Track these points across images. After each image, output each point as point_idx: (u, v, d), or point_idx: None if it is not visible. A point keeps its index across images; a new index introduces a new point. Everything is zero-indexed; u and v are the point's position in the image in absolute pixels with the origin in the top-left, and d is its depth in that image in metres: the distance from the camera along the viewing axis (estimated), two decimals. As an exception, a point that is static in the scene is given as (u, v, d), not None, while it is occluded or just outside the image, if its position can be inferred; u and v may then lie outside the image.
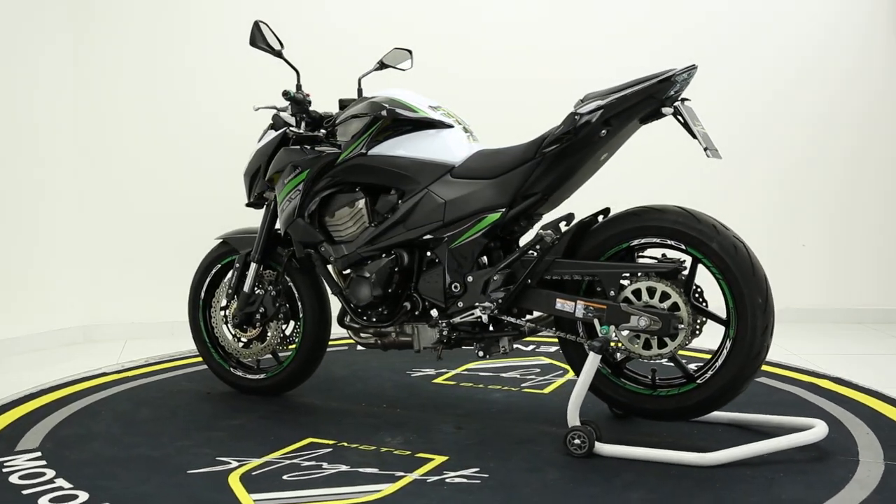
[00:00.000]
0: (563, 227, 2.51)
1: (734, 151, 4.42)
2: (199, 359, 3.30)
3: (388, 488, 2.19)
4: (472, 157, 2.67)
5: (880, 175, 4.46)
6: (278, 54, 2.82)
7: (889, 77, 4.42)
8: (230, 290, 3.05)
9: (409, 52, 3.01)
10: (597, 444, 2.38)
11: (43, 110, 4.12)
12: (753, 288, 2.35)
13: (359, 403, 2.97)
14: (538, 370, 3.42)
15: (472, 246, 2.59)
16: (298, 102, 2.82)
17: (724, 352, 2.41)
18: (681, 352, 2.48)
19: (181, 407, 2.95)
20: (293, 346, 3.02)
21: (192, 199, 4.29)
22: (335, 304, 2.98)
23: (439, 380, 3.29)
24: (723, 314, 2.44)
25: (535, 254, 2.52)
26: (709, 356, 2.53)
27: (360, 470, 2.31)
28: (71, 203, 4.25)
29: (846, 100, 4.43)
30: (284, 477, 2.27)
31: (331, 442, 2.54)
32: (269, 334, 3.01)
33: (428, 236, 2.64)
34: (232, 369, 3.12)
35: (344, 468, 2.32)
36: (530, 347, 3.84)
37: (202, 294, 3.15)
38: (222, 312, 3.10)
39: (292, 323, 3.02)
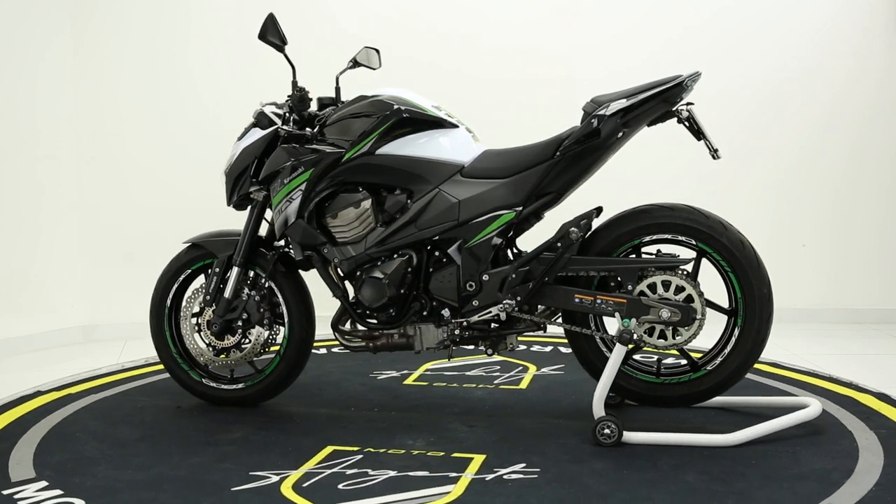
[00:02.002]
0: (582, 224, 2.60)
1: (734, 151, 4.42)
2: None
3: (455, 489, 2.18)
4: (480, 156, 2.71)
5: (880, 175, 4.46)
6: (281, 49, 2.77)
7: (889, 77, 4.42)
8: (207, 297, 2.88)
9: (377, 50, 2.94)
10: (624, 432, 2.48)
11: (43, 110, 4.12)
12: (760, 279, 2.57)
13: (348, 409, 2.91)
14: (499, 367, 3.45)
15: (486, 245, 2.63)
16: (303, 100, 2.78)
17: (733, 339, 2.62)
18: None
19: (161, 423, 2.80)
20: (276, 347, 2.92)
21: (192, 198, 4.29)
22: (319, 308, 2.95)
23: (409, 381, 3.27)
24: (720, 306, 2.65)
25: (553, 251, 2.60)
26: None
27: (410, 474, 2.28)
28: (71, 203, 4.25)
29: (846, 100, 4.43)
30: (340, 486, 2.21)
31: (355, 448, 2.49)
32: (250, 341, 2.90)
33: (442, 236, 2.65)
34: (204, 381, 2.96)
35: (392, 473, 2.29)
36: (480, 346, 3.79)
37: (168, 302, 2.97)
38: (194, 320, 2.94)
39: (258, 329, 2.90)
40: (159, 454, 2.50)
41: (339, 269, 2.80)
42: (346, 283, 2.83)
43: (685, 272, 2.57)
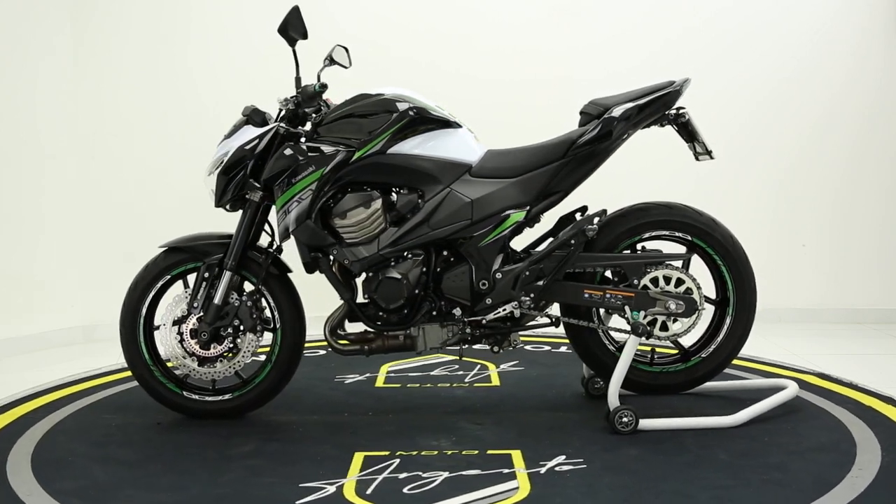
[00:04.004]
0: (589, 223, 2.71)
1: (734, 151, 4.42)
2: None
3: (521, 484, 2.20)
4: (485, 156, 2.74)
5: (880, 175, 4.46)
6: (293, 44, 2.70)
7: (889, 77, 4.42)
8: (195, 303, 2.72)
9: (347, 49, 2.81)
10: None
11: (43, 110, 4.12)
12: (748, 272, 2.79)
13: (341, 414, 2.85)
14: (458, 366, 3.47)
15: (498, 244, 2.69)
16: (314, 96, 2.70)
17: (725, 327, 2.83)
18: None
19: (153, 441, 2.61)
20: (263, 349, 2.83)
21: (192, 198, 4.28)
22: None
23: (380, 384, 3.24)
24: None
25: (564, 249, 2.68)
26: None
27: (464, 473, 2.28)
28: (71, 203, 4.25)
29: (846, 100, 4.43)
30: (405, 491, 2.18)
31: (385, 453, 2.44)
32: (241, 349, 2.75)
33: (455, 235, 2.67)
34: (185, 393, 2.79)
35: (446, 475, 2.27)
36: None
37: (144, 311, 2.78)
38: (175, 328, 2.74)
39: (250, 336, 2.75)
40: (180, 473, 2.34)
41: (343, 271, 2.75)
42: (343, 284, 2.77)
43: (678, 266, 2.73)
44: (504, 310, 2.69)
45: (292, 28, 2.67)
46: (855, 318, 4.47)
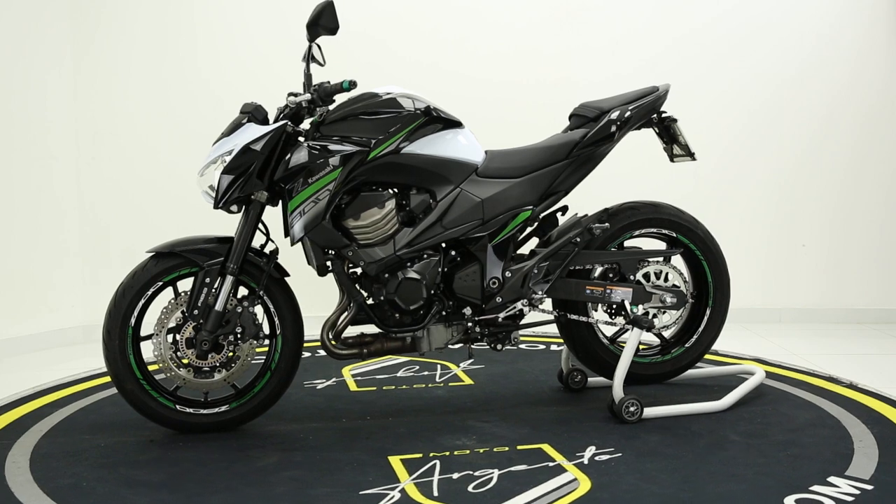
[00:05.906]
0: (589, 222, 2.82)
1: (735, 152, 4.43)
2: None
3: (576, 476, 2.23)
4: (488, 157, 2.76)
5: (880, 175, 4.47)
6: (315, 38, 2.62)
7: (889, 77, 4.43)
8: (195, 310, 2.56)
9: (320, 46, 2.70)
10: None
11: (43, 110, 4.12)
12: (725, 266, 2.99)
13: (339, 420, 2.78)
14: (418, 367, 3.49)
15: (508, 243, 2.75)
16: (331, 94, 2.62)
17: (705, 318, 3.00)
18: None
19: (157, 461, 2.41)
20: (262, 350, 2.76)
21: (192, 198, 4.28)
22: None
23: (354, 388, 3.18)
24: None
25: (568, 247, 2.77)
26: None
27: (514, 469, 2.29)
28: (71, 203, 4.24)
29: (846, 100, 4.44)
30: (469, 489, 2.15)
31: (419, 456, 2.40)
32: (240, 358, 2.62)
33: (468, 235, 2.68)
34: (178, 407, 2.62)
35: (496, 471, 2.27)
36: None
37: (133, 321, 2.58)
38: (169, 338, 2.59)
39: (250, 344, 2.64)
40: (226, 491, 2.19)
41: (356, 272, 2.71)
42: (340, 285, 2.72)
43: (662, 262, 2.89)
44: (514, 307, 2.74)
45: (324, 22, 2.57)
46: (854, 318, 4.47)
